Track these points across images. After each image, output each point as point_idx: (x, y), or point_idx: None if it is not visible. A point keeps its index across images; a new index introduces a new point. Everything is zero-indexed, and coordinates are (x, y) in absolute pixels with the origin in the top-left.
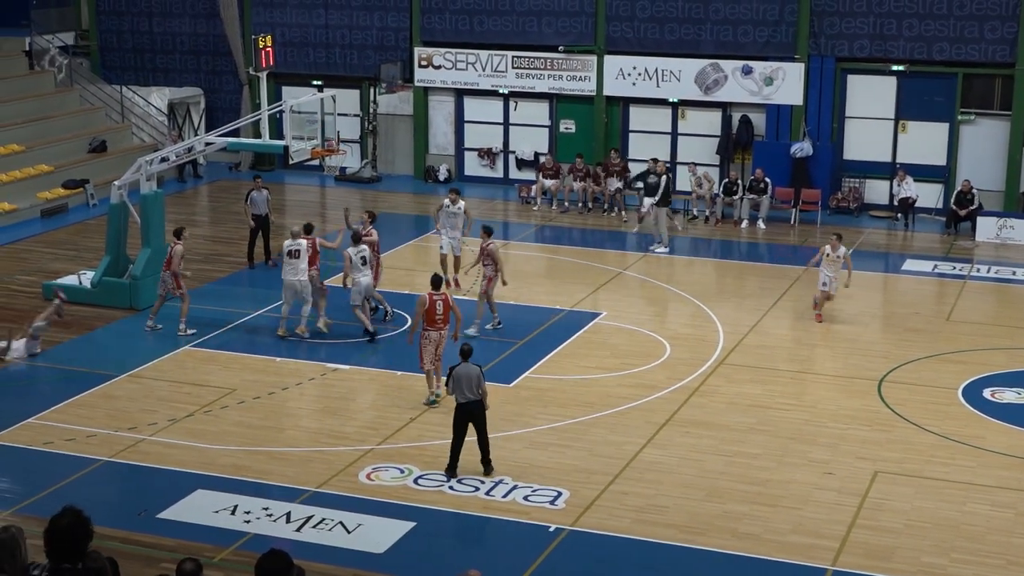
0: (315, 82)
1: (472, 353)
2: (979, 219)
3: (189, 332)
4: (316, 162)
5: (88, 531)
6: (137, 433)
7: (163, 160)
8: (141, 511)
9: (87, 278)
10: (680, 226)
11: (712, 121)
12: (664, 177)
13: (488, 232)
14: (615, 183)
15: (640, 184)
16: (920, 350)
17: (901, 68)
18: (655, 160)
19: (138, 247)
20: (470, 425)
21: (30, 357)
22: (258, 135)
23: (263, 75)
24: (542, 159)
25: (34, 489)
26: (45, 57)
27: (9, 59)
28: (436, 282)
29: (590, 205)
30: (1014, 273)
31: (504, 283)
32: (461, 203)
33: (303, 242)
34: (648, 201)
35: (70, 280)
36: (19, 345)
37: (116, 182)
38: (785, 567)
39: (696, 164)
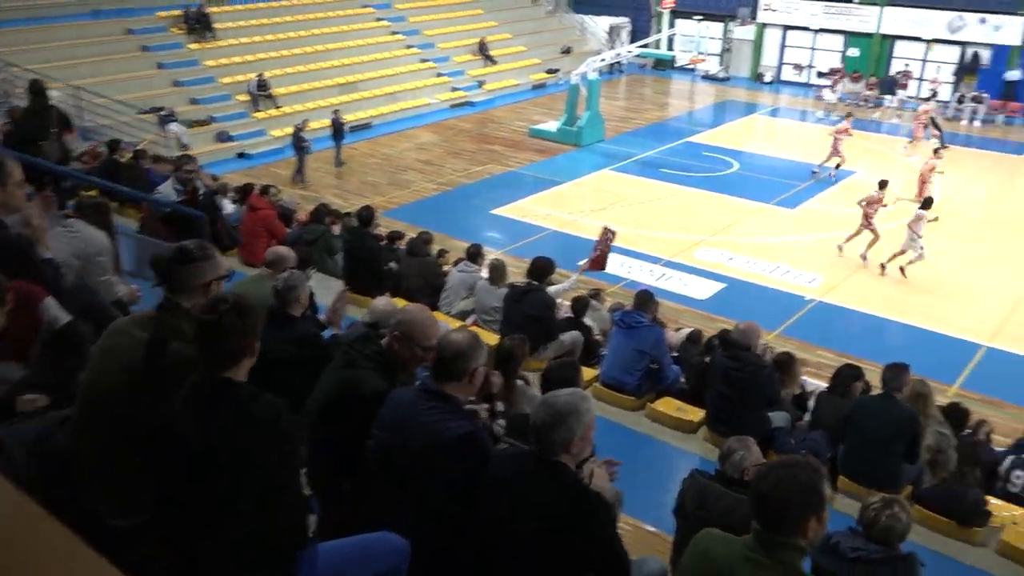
0: (696, 16)
1: None
2: None
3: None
4: (691, 67)
5: (550, 266)
6: (572, 215)
7: (602, 60)
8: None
9: (554, 125)
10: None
11: (951, 53)
12: None
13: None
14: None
15: None
16: None
17: None
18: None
19: (583, 110)
20: None
21: None
22: (658, 48)
23: (665, 11)
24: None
25: (513, 240)
26: None
27: None
28: None
29: (860, 102)
30: None
31: None
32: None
33: None
34: None
35: (546, 126)
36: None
37: (574, 71)
38: (955, 340)
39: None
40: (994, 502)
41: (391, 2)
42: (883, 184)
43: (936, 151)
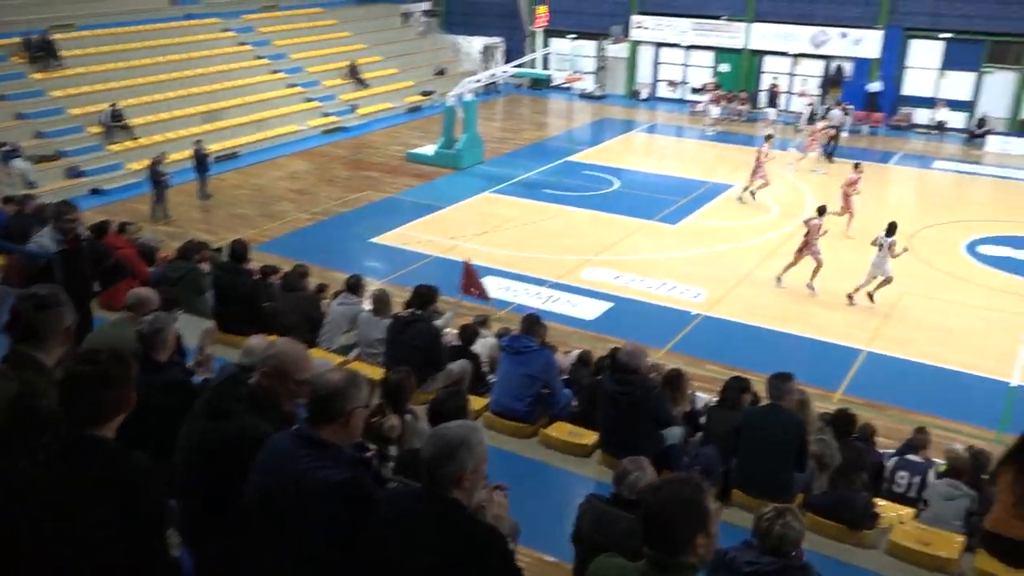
0: (570, 35)
1: None
2: (989, 136)
3: (812, 289)
4: (567, 85)
5: (433, 294)
6: (455, 240)
7: (477, 81)
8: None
9: (431, 149)
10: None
11: (817, 67)
12: None
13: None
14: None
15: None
16: (940, 218)
17: (948, 36)
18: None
19: (461, 132)
20: None
21: None
22: (533, 67)
23: (539, 31)
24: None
25: (395, 269)
26: (412, 17)
27: (391, 18)
28: None
29: (733, 117)
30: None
31: None
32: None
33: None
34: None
35: (423, 150)
36: None
37: (450, 93)
38: (837, 347)
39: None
40: (881, 503)
41: (254, 26)
42: (822, 211)
43: (856, 165)
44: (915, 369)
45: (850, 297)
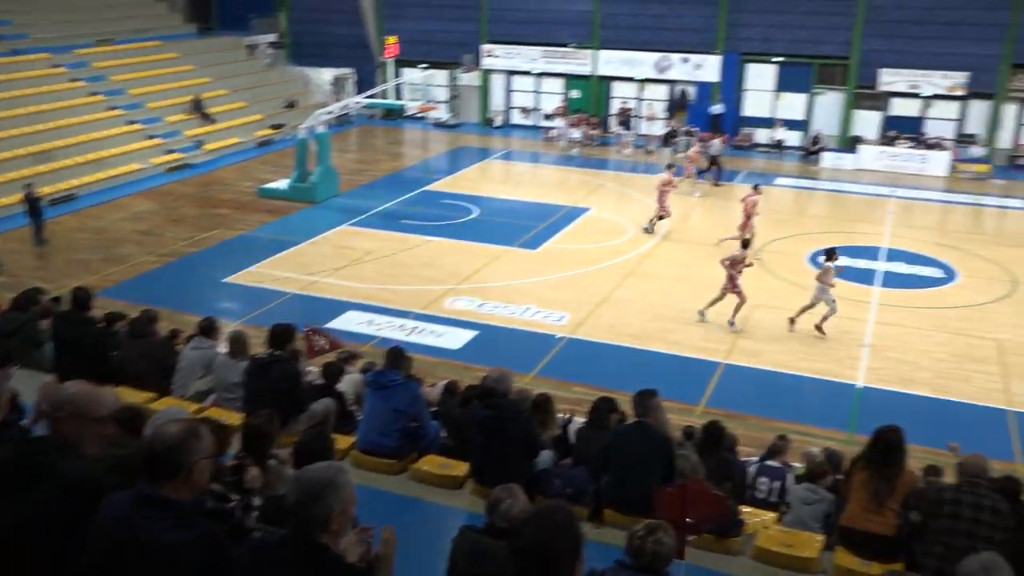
0: (422, 65)
1: None
2: (823, 153)
3: (735, 329)
4: (421, 115)
5: (290, 333)
6: (313, 276)
7: (329, 113)
8: (306, 324)
9: (284, 183)
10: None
11: (662, 91)
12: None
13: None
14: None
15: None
16: (785, 232)
17: (780, 59)
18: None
19: (315, 165)
20: None
21: None
22: (386, 97)
23: (390, 61)
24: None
25: (251, 309)
26: (258, 49)
27: (236, 51)
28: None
29: (586, 141)
30: (843, 187)
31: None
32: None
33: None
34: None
35: (276, 184)
36: None
37: (301, 125)
38: (696, 361)
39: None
40: (746, 510)
41: (88, 61)
42: (746, 244)
43: (756, 187)
44: (770, 378)
45: (792, 321)
